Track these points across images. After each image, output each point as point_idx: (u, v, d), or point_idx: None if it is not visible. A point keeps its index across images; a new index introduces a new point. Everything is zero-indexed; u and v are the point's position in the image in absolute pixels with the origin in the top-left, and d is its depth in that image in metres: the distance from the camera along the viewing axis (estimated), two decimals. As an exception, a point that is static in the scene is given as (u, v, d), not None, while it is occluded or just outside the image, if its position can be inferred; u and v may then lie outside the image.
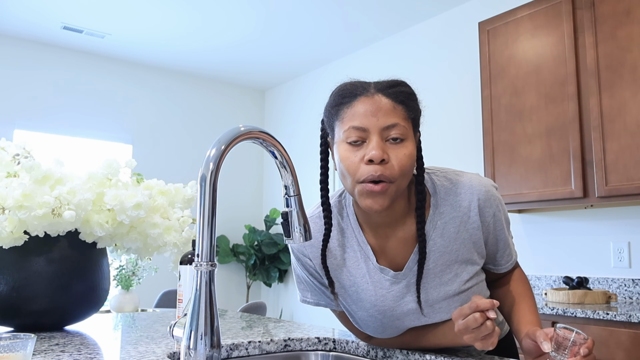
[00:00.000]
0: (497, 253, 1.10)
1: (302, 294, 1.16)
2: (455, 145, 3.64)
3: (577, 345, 0.88)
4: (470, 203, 1.03)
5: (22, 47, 4.37)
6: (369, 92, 0.97)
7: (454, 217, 1.03)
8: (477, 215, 1.03)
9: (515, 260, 1.15)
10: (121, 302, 2.75)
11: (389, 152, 0.95)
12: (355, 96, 0.98)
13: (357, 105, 0.96)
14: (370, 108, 0.95)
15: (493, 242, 1.07)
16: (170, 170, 4.96)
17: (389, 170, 0.94)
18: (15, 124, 4.29)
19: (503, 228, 1.07)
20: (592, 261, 2.84)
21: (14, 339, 0.78)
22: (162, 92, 5.06)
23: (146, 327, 1.46)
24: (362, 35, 4.24)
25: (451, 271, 1.04)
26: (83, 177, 1.39)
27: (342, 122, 0.98)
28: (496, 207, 1.04)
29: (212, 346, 0.77)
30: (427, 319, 1.06)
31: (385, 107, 0.95)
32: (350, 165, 0.96)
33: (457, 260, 1.04)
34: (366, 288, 1.06)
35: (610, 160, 2.45)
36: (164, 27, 4.15)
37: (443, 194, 1.04)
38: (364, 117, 0.95)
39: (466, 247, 1.04)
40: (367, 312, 1.08)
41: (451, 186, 1.04)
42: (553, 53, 2.71)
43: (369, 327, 1.10)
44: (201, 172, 0.79)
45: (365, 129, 0.95)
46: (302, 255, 1.10)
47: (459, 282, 1.04)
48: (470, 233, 1.04)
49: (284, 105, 5.43)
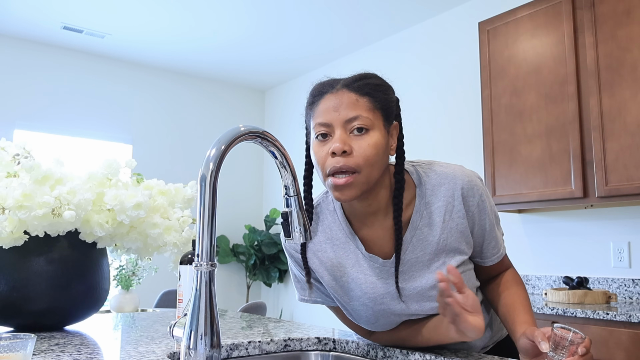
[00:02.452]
0: (483, 244, 1.11)
1: (300, 293, 1.19)
2: (455, 145, 3.64)
3: (574, 344, 0.88)
4: (454, 192, 1.06)
5: (22, 47, 4.37)
6: (335, 88, 1.02)
7: (439, 206, 1.06)
8: (461, 204, 1.06)
9: (502, 254, 1.15)
10: (121, 302, 2.75)
11: (352, 144, 0.98)
12: (323, 94, 1.03)
13: (323, 103, 1.02)
14: (333, 104, 1.00)
15: (479, 232, 1.09)
16: (170, 170, 4.96)
17: (352, 160, 0.97)
18: (15, 124, 4.30)
19: (487, 218, 1.09)
20: (592, 261, 2.84)
21: (14, 339, 0.78)
22: (162, 92, 5.06)
23: (146, 327, 1.46)
24: (362, 35, 4.24)
25: (439, 260, 1.07)
26: (83, 177, 1.39)
27: (313, 120, 1.03)
28: (479, 197, 1.07)
29: (212, 346, 0.77)
30: (418, 307, 1.08)
31: (347, 101, 0.99)
32: (319, 160, 1.01)
33: (445, 249, 1.07)
34: (356, 277, 1.09)
35: (610, 160, 2.45)
36: (164, 27, 4.15)
37: (428, 185, 1.07)
38: (327, 113, 1.00)
39: (454, 236, 1.06)
40: (359, 301, 1.10)
41: (436, 177, 1.08)
42: (553, 53, 2.71)
43: (362, 318, 1.12)
44: (201, 172, 0.79)
45: (329, 124, 1.00)
46: (294, 252, 1.14)
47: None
48: (457, 222, 1.06)
49: (284, 105, 5.43)
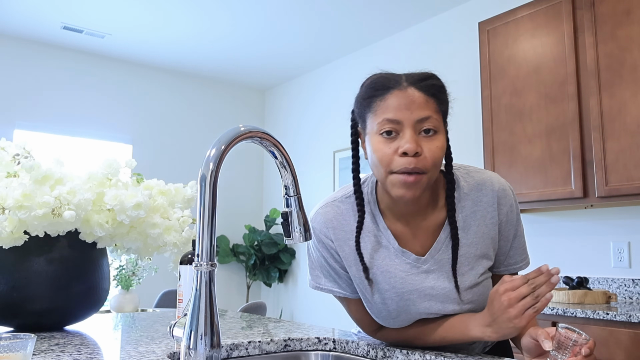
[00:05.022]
0: (509, 252, 1.12)
1: (315, 280, 1.16)
2: (455, 145, 3.61)
3: (578, 345, 0.88)
4: (490, 199, 1.07)
5: (22, 47, 4.37)
6: (402, 85, 1.00)
7: (475, 211, 1.07)
8: (495, 211, 1.07)
9: (525, 266, 1.15)
10: (121, 302, 2.75)
11: (422, 145, 0.98)
12: (388, 89, 1.00)
13: (390, 99, 0.99)
14: (404, 101, 0.98)
15: (504, 241, 1.10)
16: (170, 170, 4.96)
17: (422, 162, 0.97)
18: (15, 124, 4.29)
19: (512, 228, 1.09)
20: (592, 261, 2.84)
21: (14, 339, 0.78)
22: (162, 92, 5.06)
23: (146, 327, 1.46)
24: (362, 35, 4.24)
25: (468, 264, 1.07)
26: (83, 177, 1.39)
27: (374, 114, 1.00)
28: (510, 207, 1.08)
29: (212, 346, 0.77)
30: (441, 307, 1.08)
31: (419, 101, 0.98)
32: (384, 157, 0.99)
33: (475, 254, 1.07)
34: (386, 270, 1.08)
35: (610, 160, 2.45)
36: (163, 27, 4.15)
37: (465, 189, 1.08)
38: (397, 110, 0.98)
39: (484, 241, 1.07)
40: (384, 295, 1.08)
41: (473, 182, 1.09)
42: (553, 53, 2.71)
43: (382, 312, 1.10)
44: (201, 172, 0.79)
45: (399, 121, 0.98)
46: (325, 237, 1.11)
47: (474, 274, 1.07)
48: (489, 228, 1.07)
49: (284, 105, 5.43)
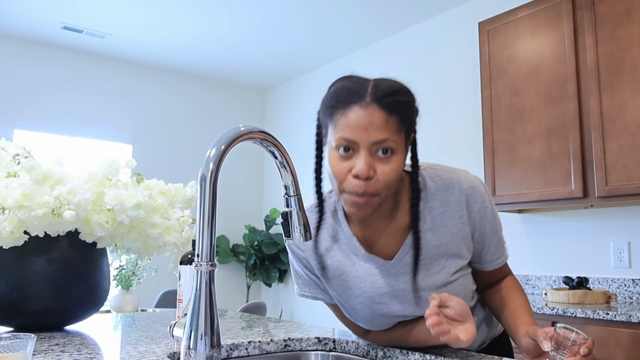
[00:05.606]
0: (483, 250, 1.11)
1: (300, 288, 1.20)
2: (455, 145, 3.63)
3: (577, 345, 0.89)
4: (458, 198, 1.06)
5: (22, 47, 4.37)
6: (364, 100, 0.95)
7: (443, 211, 1.06)
8: (464, 209, 1.06)
9: (503, 261, 1.15)
10: (121, 302, 2.75)
11: (375, 167, 0.96)
12: (349, 104, 0.96)
13: (350, 115, 0.95)
14: (362, 122, 0.94)
15: (479, 238, 1.09)
16: (170, 170, 4.96)
17: (373, 186, 0.96)
18: (15, 124, 4.30)
19: (488, 223, 1.08)
20: (592, 261, 2.84)
21: (14, 339, 0.78)
22: (162, 92, 5.06)
23: (146, 327, 1.46)
24: (362, 35, 4.24)
25: (439, 264, 1.07)
26: (83, 177, 1.39)
27: (334, 127, 0.98)
28: (481, 203, 1.07)
29: (212, 346, 0.77)
30: (415, 308, 1.08)
31: (378, 122, 0.94)
32: (338, 174, 0.98)
33: (446, 253, 1.07)
34: (355, 276, 1.09)
35: (610, 160, 2.45)
36: (163, 27, 4.15)
37: (433, 190, 1.07)
38: (354, 131, 0.94)
39: (455, 241, 1.07)
40: (357, 300, 1.10)
41: (441, 182, 1.07)
42: (553, 53, 2.71)
43: (359, 316, 1.12)
44: (201, 172, 0.79)
45: (355, 141, 0.95)
46: (297, 249, 1.14)
47: (445, 273, 1.07)
48: (459, 228, 1.06)
49: (284, 105, 5.43)
